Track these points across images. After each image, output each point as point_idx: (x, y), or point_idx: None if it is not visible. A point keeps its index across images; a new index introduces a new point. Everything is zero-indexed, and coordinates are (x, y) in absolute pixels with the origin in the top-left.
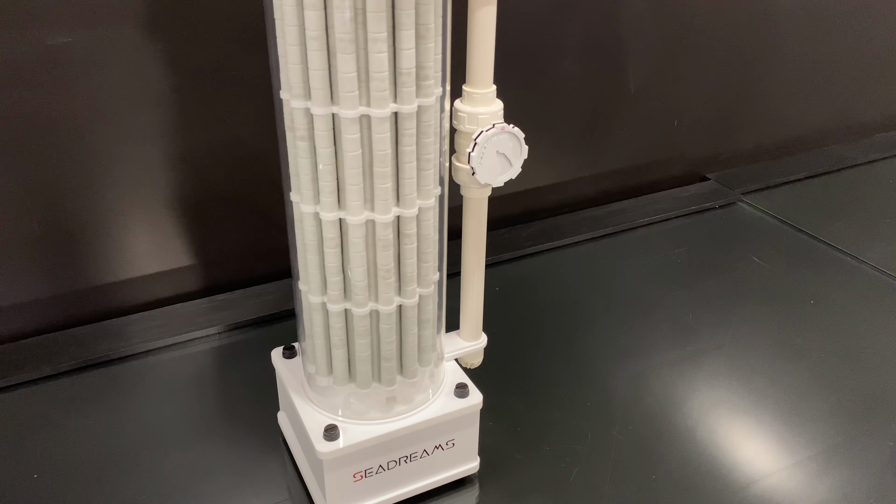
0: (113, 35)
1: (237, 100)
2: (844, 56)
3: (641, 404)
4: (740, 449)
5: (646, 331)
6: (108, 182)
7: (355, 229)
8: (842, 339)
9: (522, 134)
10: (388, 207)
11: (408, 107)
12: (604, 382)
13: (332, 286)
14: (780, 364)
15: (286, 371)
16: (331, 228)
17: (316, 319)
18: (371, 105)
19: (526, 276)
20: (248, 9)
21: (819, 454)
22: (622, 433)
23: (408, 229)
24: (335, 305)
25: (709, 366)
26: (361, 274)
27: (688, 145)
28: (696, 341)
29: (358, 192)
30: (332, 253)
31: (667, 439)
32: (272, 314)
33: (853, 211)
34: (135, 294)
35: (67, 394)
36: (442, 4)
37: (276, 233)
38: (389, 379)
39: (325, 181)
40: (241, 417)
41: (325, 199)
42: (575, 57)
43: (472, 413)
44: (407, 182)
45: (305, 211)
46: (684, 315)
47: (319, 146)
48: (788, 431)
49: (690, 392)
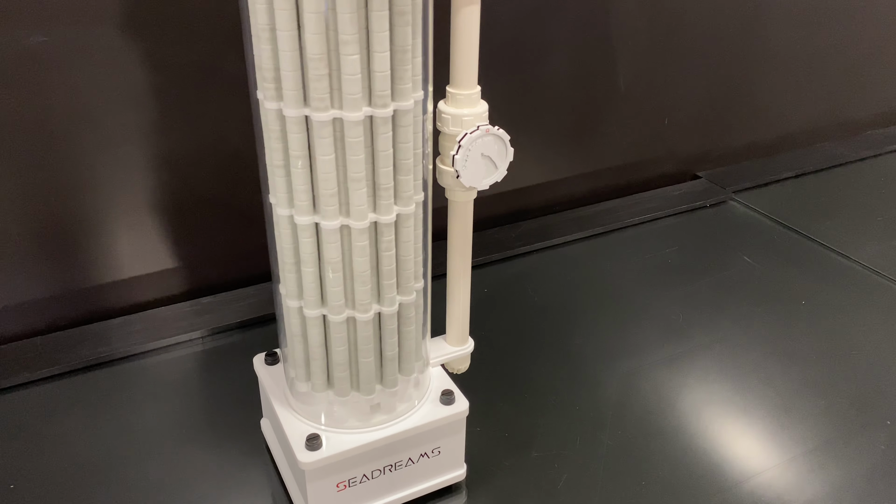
0: (92, 34)
1: (220, 98)
2: (834, 53)
3: (631, 407)
4: (731, 448)
5: (636, 332)
6: (88, 184)
7: (329, 234)
8: (833, 340)
9: (508, 136)
10: (363, 213)
11: (382, 111)
12: (593, 385)
13: (309, 291)
14: (772, 365)
15: (268, 378)
16: (306, 233)
17: (294, 324)
18: (343, 108)
19: (515, 277)
20: (230, 4)
21: (810, 451)
22: (612, 437)
23: (385, 236)
24: (312, 311)
25: (699, 367)
26: (337, 280)
27: (678, 143)
28: (686, 342)
29: (332, 197)
30: (307, 257)
31: (657, 442)
32: (256, 317)
33: (844, 209)
34: (117, 298)
35: (46, 401)
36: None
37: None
38: (368, 388)
39: (298, 185)
40: (225, 424)
41: (300, 203)
42: (564, 54)
43: (459, 420)
44: (383, 189)
45: (281, 214)
46: (675, 316)
47: (292, 149)
48: (780, 429)
49: (680, 393)
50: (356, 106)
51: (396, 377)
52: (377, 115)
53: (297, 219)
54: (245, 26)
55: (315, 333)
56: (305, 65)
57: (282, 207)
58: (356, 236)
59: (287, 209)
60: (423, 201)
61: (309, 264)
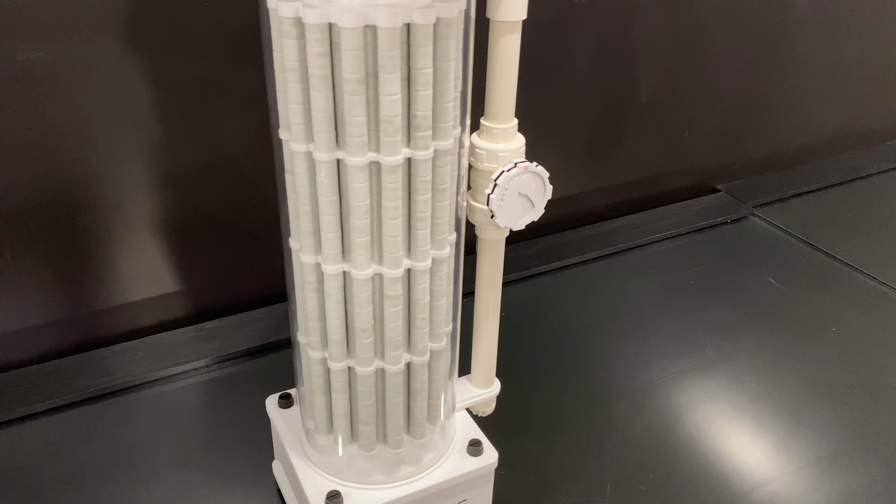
0: (90, 48)
1: (226, 114)
2: (855, 64)
3: (662, 448)
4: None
5: (662, 362)
6: (87, 204)
7: (362, 285)
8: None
9: (547, 173)
10: (398, 261)
11: (422, 153)
12: (621, 422)
13: (335, 343)
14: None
15: (282, 422)
16: (334, 282)
17: (316, 376)
18: (381, 151)
19: (533, 299)
20: (236, 17)
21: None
22: (643, 482)
23: (420, 283)
24: (338, 363)
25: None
26: (367, 331)
27: (698, 156)
28: (716, 376)
29: (365, 245)
30: (334, 308)
31: (692, 488)
32: (265, 344)
33: (868, 226)
34: (117, 323)
35: (41, 437)
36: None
37: (269, 255)
38: (396, 441)
39: (328, 231)
40: (234, 463)
41: (329, 252)
42: (585, 66)
43: (487, 473)
44: (420, 233)
45: (306, 262)
46: (702, 345)
47: (322, 194)
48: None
49: (718, 438)
50: (395, 149)
51: (425, 427)
52: (417, 157)
53: (324, 267)
54: (267, 58)
55: (340, 386)
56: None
57: (307, 254)
58: (389, 285)
59: (312, 256)
60: (456, 241)
61: (335, 315)
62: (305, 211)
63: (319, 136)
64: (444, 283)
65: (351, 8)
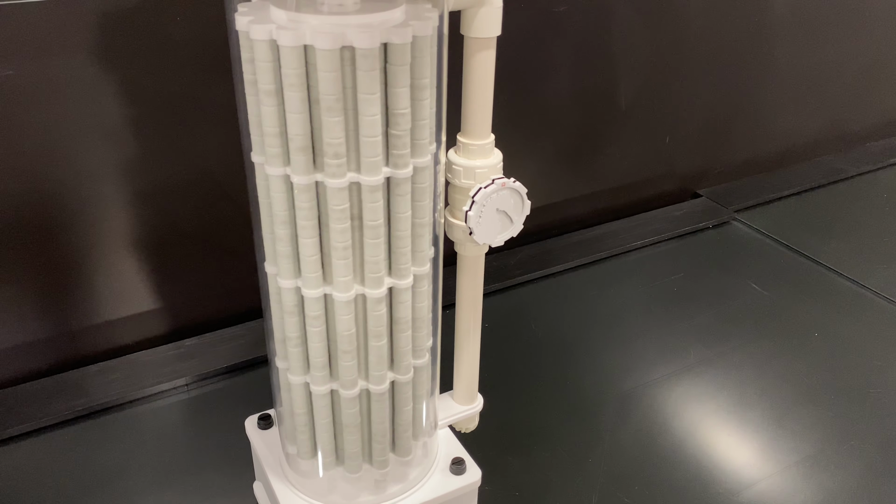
0: (62, 65)
1: (203, 131)
2: (834, 66)
3: (648, 457)
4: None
5: (646, 370)
6: (63, 223)
7: (343, 307)
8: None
9: (525, 189)
10: (380, 281)
11: (402, 171)
12: (606, 432)
13: (317, 366)
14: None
15: (262, 445)
16: (315, 306)
17: (297, 400)
18: (361, 172)
19: (516, 309)
20: (211, 32)
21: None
22: (629, 493)
23: (403, 300)
24: (320, 387)
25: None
26: (351, 354)
27: (679, 161)
28: (700, 381)
29: (347, 267)
30: (316, 332)
31: (678, 496)
32: (245, 361)
33: (848, 228)
34: (95, 342)
35: (16, 461)
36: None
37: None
38: (382, 461)
39: (308, 255)
40: (214, 483)
41: (309, 276)
42: (564, 73)
43: (471, 491)
44: (401, 252)
45: (285, 286)
46: (686, 352)
47: (301, 217)
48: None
49: (702, 443)
50: (376, 169)
51: (410, 444)
52: (397, 176)
53: (305, 291)
54: (237, 80)
55: (324, 410)
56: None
57: (285, 279)
58: (372, 305)
59: (292, 280)
60: (434, 257)
61: (317, 340)
62: (283, 235)
63: (297, 160)
64: (425, 299)
65: (327, 30)
